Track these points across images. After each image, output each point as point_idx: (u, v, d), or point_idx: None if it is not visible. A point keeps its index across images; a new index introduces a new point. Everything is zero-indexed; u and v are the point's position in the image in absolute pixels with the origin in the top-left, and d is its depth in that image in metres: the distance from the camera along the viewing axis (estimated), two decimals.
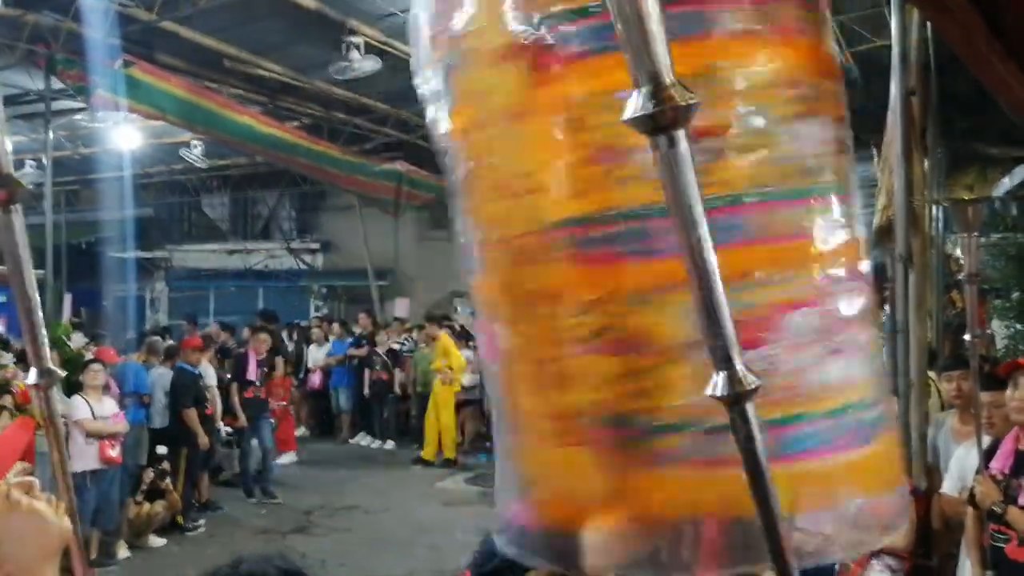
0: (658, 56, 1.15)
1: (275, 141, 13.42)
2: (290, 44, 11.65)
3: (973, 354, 4.36)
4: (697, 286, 1.20)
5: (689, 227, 1.18)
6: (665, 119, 1.14)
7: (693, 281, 1.20)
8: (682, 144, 1.15)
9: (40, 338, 1.80)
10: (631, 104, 1.15)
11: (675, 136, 1.15)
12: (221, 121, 12.09)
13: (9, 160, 1.63)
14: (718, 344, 1.21)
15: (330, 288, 21.88)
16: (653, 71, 1.15)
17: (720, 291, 1.19)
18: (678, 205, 1.18)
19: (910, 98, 5.24)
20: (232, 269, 22.36)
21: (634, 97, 1.15)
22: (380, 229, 18.46)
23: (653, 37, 1.14)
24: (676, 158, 1.16)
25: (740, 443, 1.25)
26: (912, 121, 5.25)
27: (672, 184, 1.18)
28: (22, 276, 1.69)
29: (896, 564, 4.75)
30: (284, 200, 22.88)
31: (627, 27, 1.14)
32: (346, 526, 9.77)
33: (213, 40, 11.21)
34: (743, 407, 1.21)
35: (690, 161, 1.17)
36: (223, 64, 11.86)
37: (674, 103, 1.13)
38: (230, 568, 1.61)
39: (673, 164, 1.17)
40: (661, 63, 1.15)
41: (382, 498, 10.95)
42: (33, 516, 1.64)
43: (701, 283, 1.19)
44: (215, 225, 23.72)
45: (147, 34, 10.52)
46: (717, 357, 1.21)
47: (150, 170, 19.52)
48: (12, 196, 1.62)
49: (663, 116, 1.14)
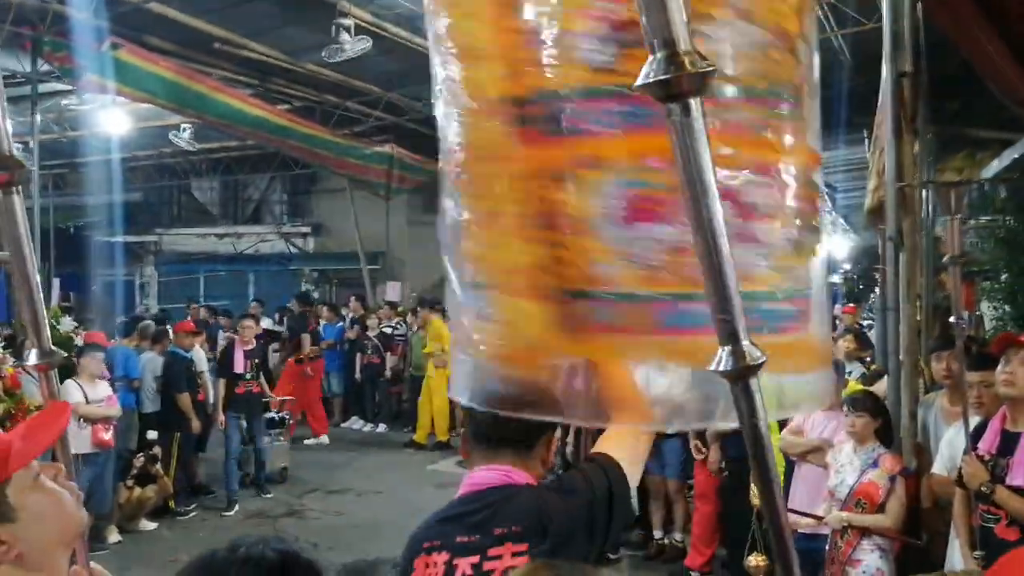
0: (674, 22, 1.12)
1: (265, 124, 13.34)
2: (281, 26, 11.58)
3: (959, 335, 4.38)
4: (706, 259, 1.18)
5: (700, 197, 1.16)
6: (679, 86, 1.12)
7: (702, 253, 1.19)
8: (695, 112, 1.13)
9: (41, 319, 1.80)
10: (646, 69, 1.13)
11: (689, 104, 1.14)
12: (211, 104, 12.00)
13: (11, 142, 1.63)
14: (724, 319, 1.20)
15: (321, 272, 21.85)
16: (669, 37, 1.12)
17: (730, 268, 1.18)
18: (688, 174, 1.16)
19: (901, 80, 5.23)
20: (222, 253, 22.29)
21: (649, 62, 1.13)
22: (371, 213, 18.40)
23: (669, 3, 1.12)
24: (689, 126, 1.14)
25: (743, 418, 1.26)
26: (903, 103, 5.25)
27: (683, 152, 1.16)
28: (23, 258, 1.71)
29: (885, 544, 4.79)
30: (275, 183, 22.81)
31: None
32: (338, 509, 9.78)
33: (202, 22, 11.13)
34: (747, 382, 1.22)
35: (703, 130, 1.15)
36: (213, 46, 11.79)
37: (688, 70, 1.11)
38: (227, 551, 1.61)
39: (686, 132, 1.15)
40: (677, 29, 1.12)
41: (374, 481, 10.98)
42: (57, 500, 1.67)
43: (710, 256, 1.18)
44: (205, 209, 23.63)
45: (135, 16, 10.43)
46: (723, 332, 1.21)
47: (139, 153, 19.39)
48: (13, 178, 1.65)
49: (677, 83, 1.12)
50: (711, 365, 1.22)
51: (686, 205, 1.17)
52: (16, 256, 1.73)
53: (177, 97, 11.39)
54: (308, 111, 15.24)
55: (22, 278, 1.74)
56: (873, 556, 4.77)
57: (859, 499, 4.84)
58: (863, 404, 5.01)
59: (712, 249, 1.17)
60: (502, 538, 2.23)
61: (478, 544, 2.24)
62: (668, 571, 7.67)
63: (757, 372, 1.21)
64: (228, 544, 1.67)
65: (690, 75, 1.11)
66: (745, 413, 1.25)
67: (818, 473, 5.36)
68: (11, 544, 1.56)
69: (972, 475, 4.20)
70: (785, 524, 1.37)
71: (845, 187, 23.69)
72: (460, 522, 2.31)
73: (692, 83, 1.12)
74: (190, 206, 23.90)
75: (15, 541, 1.57)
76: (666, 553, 7.91)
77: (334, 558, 7.97)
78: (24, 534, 1.58)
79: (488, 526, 2.25)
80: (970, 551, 4.31)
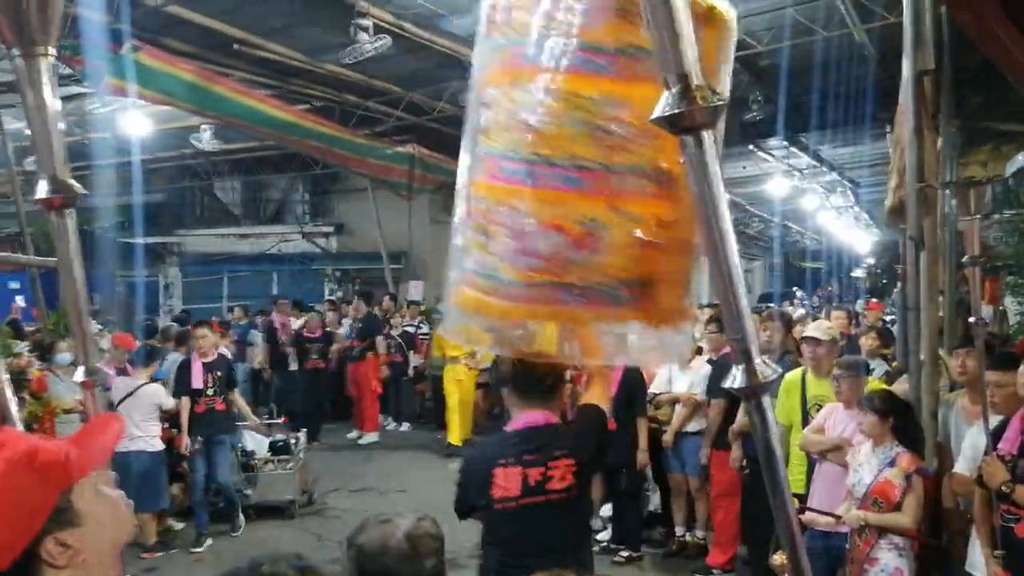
0: (687, 59, 1.25)
1: (286, 125, 13.38)
2: (299, 26, 11.61)
3: (978, 335, 4.35)
4: (720, 280, 1.30)
5: (713, 221, 1.27)
6: (692, 119, 1.24)
7: (716, 274, 1.30)
8: (707, 143, 1.26)
9: (89, 338, 1.93)
10: (661, 104, 1.26)
11: (701, 136, 1.25)
12: (231, 105, 12.04)
13: (67, 168, 1.74)
14: (739, 340, 1.32)
15: (343, 271, 21.91)
16: (682, 72, 1.24)
17: (742, 291, 1.30)
18: (703, 201, 1.28)
19: (922, 79, 5.17)
20: (245, 253, 22.39)
21: (664, 97, 1.25)
22: (393, 212, 18.46)
23: (683, 41, 1.24)
24: (702, 157, 1.26)
25: (756, 431, 1.39)
26: (924, 101, 5.19)
27: (698, 181, 1.27)
28: (73, 275, 1.84)
29: (904, 543, 4.76)
30: (297, 183, 22.87)
31: (659, 31, 1.24)
32: (360, 507, 9.81)
33: (221, 23, 11.18)
34: (759, 399, 1.34)
35: (716, 159, 1.28)
36: (232, 47, 11.84)
37: (701, 104, 1.23)
38: (249, 571, 1.65)
39: (699, 162, 1.26)
40: (690, 65, 1.24)
41: (396, 479, 11.03)
42: (115, 507, 1.73)
43: (724, 277, 1.29)
44: (227, 209, 23.73)
45: (154, 18, 10.49)
46: (738, 351, 1.32)
47: (161, 155, 19.48)
48: (68, 201, 1.79)
49: (691, 116, 1.23)
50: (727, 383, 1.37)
51: (701, 227, 1.30)
52: (67, 274, 1.85)
53: (197, 99, 11.43)
54: (328, 111, 15.27)
55: (72, 297, 1.87)
56: (891, 555, 4.74)
57: (876, 498, 4.81)
58: (872, 403, 4.98)
59: (726, 273, 1.29)
60: (557, 456, 3.49)
61: (541, 460, 3.48)
62: (690, 569, 7.66)
63: (768, 389, 1.32)
64: (248, 563, 1.72)
65: (702, 109, 1.24)
66: (759, 426, 1.37)
67: (838, 471, 5.33)
68: (78, 549, 1.61)
69: (992, 475, 4.19)
70: (797, 531, 1.42)
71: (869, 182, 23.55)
72: (524, 446, 3.52)
73: (704, 116, 1.24)
74: (213, 207, 24.01)
75: (81, 546, 1.61)
76: (688, 551, 7.90)
77: None
78: (87, 539, 1.63)
79: (546, 449, 3.50)
80: (991, 551, 4.29)
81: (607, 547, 7.93)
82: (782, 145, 18.12)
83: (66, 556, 1.59)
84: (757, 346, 1.31)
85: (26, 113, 1.76)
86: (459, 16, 11.33)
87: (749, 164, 20.67)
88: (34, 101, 1.77)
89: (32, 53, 1.73)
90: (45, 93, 1.77)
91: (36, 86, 1.76)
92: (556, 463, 3.47)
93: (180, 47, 11.58)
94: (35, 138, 1.80)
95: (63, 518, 1.60)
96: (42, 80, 1.76)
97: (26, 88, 1.77)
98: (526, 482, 3.47)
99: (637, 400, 7.69)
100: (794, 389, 6.25)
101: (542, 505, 3.47)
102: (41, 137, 1.77)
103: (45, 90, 1.77)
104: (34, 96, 1.77)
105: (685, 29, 1.24)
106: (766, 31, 11.70)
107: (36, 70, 1.75)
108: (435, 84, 14.09)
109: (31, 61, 1.74)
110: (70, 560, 1.59)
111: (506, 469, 3.50)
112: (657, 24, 1.24)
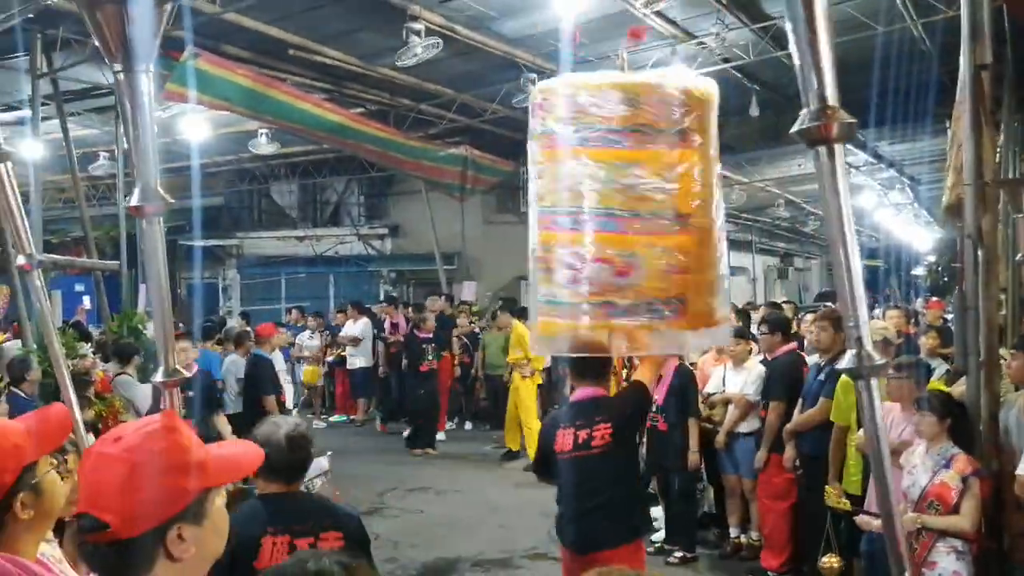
0: (827, 82, 1.42)
1: (340, 128, 13.51)
2: (354, 31, 11.74)
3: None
4: (843, 278, 1.47)
5: (838, 224, 1.44)
6: (827, 133, 1.41)
7: (839, 272, 1.47)
8: (839, 156, 1.44)
9: (169, 340, 2.06)
10: (800, 118, 1.43)
11: (834, 148, 1.43)
12: (286, 109, 12.20)
13: (157, 179, 1.89)
14: (852, 327, 1.49)
15: (398, 272, 22.08)
16: (821, 93, 1.42)
17: (860, 286, 1.47)
18: (831, 207, 1.45)
19: (980, 73, 5.07)
20: (302, 255, 22.65)
21: (803, 114, 1.43)
22: (447, 213, 18.56)
23: (824, 64, 1.42)
24: (833, 167, 1.43)
25: (866, 410, 1.55)
26: (982, 96, 5.09)
27: (827, 189, 1.45)
28: (158, 279, 1.96)
29: (962, 546, 4.68)
30: (352, 186, 23.07)
31: (803, 55, 1.43)
32: (418, 507, 9.90)
33: (277, 29, 11.34)
34: (868, 382, 1.50)
35: (845, 171, 1.46)
36: (287, 53, 12.01)
37: (835, 120, 1.41)
38: (295, 567, 1.72)
39: (830, 172, 1.44)
40: (828, 87, 1.42)
41: (453, 479, 11.09)
42: (225, 524, 1.83)
43: (847, 275, 1.47)
44: (285, 212, 24.02)
45: (212, 25, 10.66)
46: (851, 338, 1.49)
47: (219, 159, 19.83)
48: (158, 209, 1.89)
49: (826, 129, 1.41)
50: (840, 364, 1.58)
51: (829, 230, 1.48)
52: (152, 279, 1.97)
53: (254, 103, 11.60)
54: (382, 115, 15.40)
55: (157, 300, 2.01)
56: (949, 559, 4.67)
57: (932, 501, 4.75)
58: (927, 404, 4.91)
59: (847, 267, 1.46)
60: (598, 422, 4.73)
61: (587, 424, 4.75)
62: (745, 570, 7.61)
63: (878, 373, 1.50)
64: (294, 559, 1.79)
65: (838, 124, 1.41)
66: (867, 406, 1.53)
67: (897, 474, 5.26)
68: (189, 544, 1.70)
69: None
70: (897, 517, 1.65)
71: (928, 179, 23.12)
72: (577, 414, 4.83)
73: (839, 131, 1.42)
74: (270, 209, 24.32)
75: (194, 543, 1.70)
76: (743, 552, 7.85)
77: (416, 556, 8.09)
78: (201, 541, 1.73)
79: (591, 416, 4.77)
80: None
81: (661, 548, 7.90)
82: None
83: (181, 549, 1.69)
84: (868, 335, 1.50)
85: (125, 126, 1.85)
86: (510, 18, 11.37)
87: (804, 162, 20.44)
88: (134, 115, 1.85)
89: (133, 69, 1.81)
90: (144, 108, 1.84)
91: (136, 101, 1.83)
92: (597, 427, 4.76)
93: (237, 53, 11.77)
94: (133, 150, 1.91)
95: (193, 512, 1.71)
96: (142, 96, 1.83)
97: (126, 102, 1.84)
98: (576, 440, 4.79)
99: (689, 401, 7.67)
100: (850, 389, 6.16)
101: (587, 457, 4.77)
102: (139, 149, 1.87)
103: (144, 105, 1.84)
104: (134, 111, 1.84)
105: (825, 57, 1.41)
106: None
107: (136, 86, 1.82)
108: (487, 86, 14.14)
109: (131, 76, 1.81)
110: (182, 552, 1.69)
111: (563, 430, 4.86)
112: (801, 52, 1.42)
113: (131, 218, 11.03)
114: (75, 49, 11.14)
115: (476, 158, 16.26)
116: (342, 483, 10.69)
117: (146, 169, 1.87)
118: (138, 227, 1.91)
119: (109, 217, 16.11)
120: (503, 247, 18.95)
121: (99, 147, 16.32)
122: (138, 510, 1.65)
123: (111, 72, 1.88)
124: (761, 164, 20.80)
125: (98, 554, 1.67)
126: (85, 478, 1.73)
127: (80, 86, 12.53)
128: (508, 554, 8.18)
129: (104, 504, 1.64)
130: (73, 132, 11.78)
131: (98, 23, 1.78)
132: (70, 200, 17.68)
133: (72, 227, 18.11)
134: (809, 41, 1.40)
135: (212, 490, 1.76)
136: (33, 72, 10.54)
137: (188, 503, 1.70)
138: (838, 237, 1.45)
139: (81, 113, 14.38)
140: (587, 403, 4.86)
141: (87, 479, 1.72)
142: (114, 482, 1.66)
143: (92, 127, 15.24)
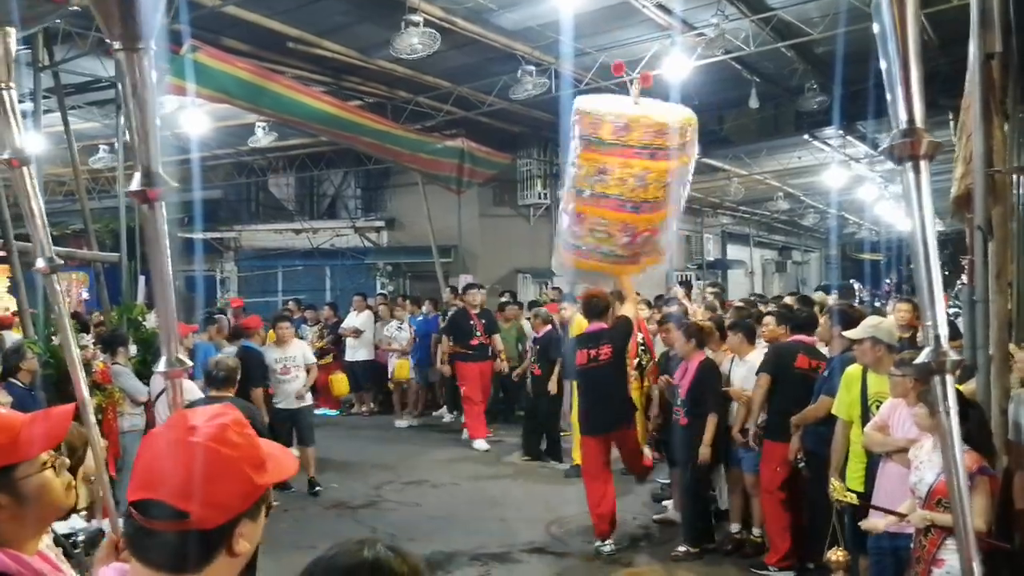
0: (915, 105, 1.50)
1: (339, 121, 13.44)
2: (352, 24, 11.70)
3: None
4: (924, 282, 1.55)
5: (922, 235, 1.54)
6: (914, 150, 1.51)
7: (919, 271, 1.56)
8: (924, 172, 1.53)
9: (173, 329, 2.03)
10: (889, 136, 1.53)
11: (919, 164, 1.52)
12: (285, 102, 12.12)
13: (159, 162, 1.82)
14: (930, 325, 1.57)
15: (395, 265, 22.05)
16: (910, 114, 1.50)
17: (939, 288, 1.56)
18: (915, 219, 1.54)
19: (989, 61, 5.03)
20: (299, 248, 22.60)
21: (892, 133, 1.52)
22: (443, 206, 18.50)
23: (913, 86, 1.50)
24: (919, 182, 1.53)
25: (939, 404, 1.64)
26: (992, 85, 5.04)
27: (913, 201, 1.53)
28: (161, 266, 1.92)
29: None
30: (349, 179, 23.05)
31: (891, 76, 1.51)
32: (415, 500, 9.86)
33: (276, 22, 11.30)
34: (944, 376, 1.58)
35: (929, 185, 1.54)
36: (286, 46, 11.96)
37: (921, 139, 1.49)
38: (351, 556, 1.72)
39: (915, 187, 1.53)
40: (916, 108, 1.50)
41: (450, 473, 11.04)
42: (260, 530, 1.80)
43: (927, 279, 1.55)
44: (282, 205, 24.00)
45: (212, 18, 10.62)
46: (929, 335, 1.57)
47: (218, 152, 19.78)
48: (160, 194, 1.84)
49: (913, 147, 1.50)
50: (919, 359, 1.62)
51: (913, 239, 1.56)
52: (157, 263, 1.92)
53: (253, 96, 11.53)
54: (380, 107, 15.36)
55: (160, 287, 1.98)
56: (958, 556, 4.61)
57: (939, 498, 4.70)
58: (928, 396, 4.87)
59: (927, 273, 1.55)
60: (603, 343, 7.92)
61: (595, 345, 7.95)
62: (748, 565, 7.56)
63: (955, 368, 1.58)
64: (343, 547, 1.75)
65: (923, 142, 1.50)
66: (940, 399, 1.61)
67: (903, 471, 5.21)
68: (247, 541, 1.68)
69: None
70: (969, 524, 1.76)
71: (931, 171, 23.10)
72: (589, 340, 8.07)
73: (925, 149, 1.51)
74: (267, 202, 24.28)
75: (245, 536, 1.68)
76: (745, 547, 7.81)
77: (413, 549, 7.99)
78: (253, 539, 1.71)
79: (599, 341, 7.97)
80: None
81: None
82: (838, 134, 17.86)
83: (241, 545, 1.67)
84: (946, 333, 1.57)
85: (125, 107, 1.78)
86: (508, 10, 11.32)
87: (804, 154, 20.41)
88: (134, 95, 1.79)
89: (133, 47, 1.75)
90: (146, 87, 1.79)
91: (136, 80, 1.78)
92: (602, 347, 7.87)
93: (236, 46, 11.72)
94: (133, 131, 1.83)
95: (256, 508, 1.71)
96: (143, 74, 1.78)
97: (126, 82, 1.79)
98: (589, 356, 7.91)
99: (709, 397, 7.66)
100: (854, 384, 6.12)
101: (597, 367, 7.87)
102: (139, 130, 1.80)
103: (146, 84, 1.79)
104: (134, 90, 1.79)
105: (915, 81, 1.49)
106: (821, 18, 11.52)
107: (137, 64, 1.76)
108: (484, 78, 14.10)
109: (132, 55, 1.76)
110: (241, 550, 1.67)
111: (580, 350, 7.99)
112: (891, 80, 1.51)
113: (131, 210, 10.99)
114: (76, 42, 11.09)
115: (473, 151, 16.20)
116: (339, 476, 10.75)
117: (147, 153, 1.80)
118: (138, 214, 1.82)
119: (109, 210, 16.06)
120: (500, 240, 18.93)
121: (99, 140, 16.27)
122: (222, 501, 1.62)
123: (112, 62, 1.82)
124: (760, 156, 20.77)
125: (158, 544, 1.61)
126: (150, 464, 1.66)
127: (80, 79, 12.47)
128: (507, 548, 8.14)
129: (184, 492, 1.59)
130: (73, 125, 11.72)
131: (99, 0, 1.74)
132: (71, 193, 17.62)
133: (73, 220, 18.06)
134: (902, 63, 1.50)
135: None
136: (35, 65, 10.48)
137: (256, 499, 1.69)
138: (921, 247, 1.54)
139: (82, 106, 14.32)
140: (596, 333, 8.05)
141: (153, 466, 1.66)
142: (199, 471, 1.61)
143: (92, 120, 15.19)
